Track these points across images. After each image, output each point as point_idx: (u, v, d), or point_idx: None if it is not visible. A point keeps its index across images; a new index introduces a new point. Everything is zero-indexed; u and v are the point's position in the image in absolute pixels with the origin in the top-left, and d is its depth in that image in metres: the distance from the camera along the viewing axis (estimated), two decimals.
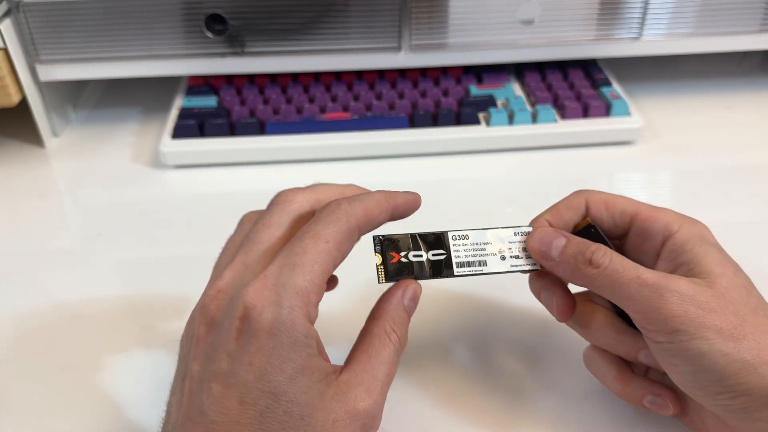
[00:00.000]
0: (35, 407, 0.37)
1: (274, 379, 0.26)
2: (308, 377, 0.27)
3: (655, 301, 0.28)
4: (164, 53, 0.57)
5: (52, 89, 0.59)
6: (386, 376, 0.29)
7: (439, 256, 0.33)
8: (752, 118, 0.61)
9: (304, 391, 0.26)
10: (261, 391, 0.26)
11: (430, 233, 0.33)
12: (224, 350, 0.27)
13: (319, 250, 0.28)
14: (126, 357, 0.40)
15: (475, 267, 0.33)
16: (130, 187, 0.55)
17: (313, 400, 0.26)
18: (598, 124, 0.57)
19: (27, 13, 0.54)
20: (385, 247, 0.32)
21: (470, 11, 0.56)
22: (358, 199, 0.30)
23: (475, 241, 0.33)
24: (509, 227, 0.34)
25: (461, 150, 0.57)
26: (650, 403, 0.33)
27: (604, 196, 0.34)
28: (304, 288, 0.27)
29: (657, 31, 0.58)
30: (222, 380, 0.26)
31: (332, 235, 0.28)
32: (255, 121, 0.57)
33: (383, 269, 0.32)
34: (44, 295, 0.45)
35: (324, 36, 0.57)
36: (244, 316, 0.26)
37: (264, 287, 0.27)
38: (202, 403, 0.26)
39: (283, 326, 0.26)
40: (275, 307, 0.26)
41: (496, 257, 0.33)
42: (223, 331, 0.27)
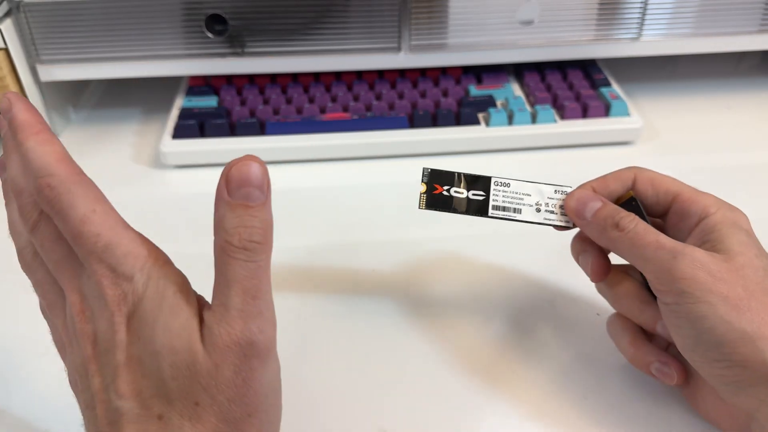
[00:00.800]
0: (36, 407, 0.37)
1: (151, 335, 0.26)
2: (177, 320, 0.26)
3: (668, 263, 0.30)
4: (164, 53, 0.57)
5: (53, 89, 0.59)
6: (243, 297, 0.26)
7: (478, 196, 0.35)
8: (751, 118, 0.62)
9: (178, 335, 0.26)
10: (148, 355, 0.26)
11: (476, 174, 0.35)
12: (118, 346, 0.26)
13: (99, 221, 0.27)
14: None
15: (510, 212, 0.35)
16: (130, 187, 0.55)
17: (189, 345, 0.26)
18: (598, 124, 0.57)
19: (27, 14, 0.54)
20: (432, 178, 0.35)
21: (470, 11, 0.56)
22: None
23: (515, 190, 0.35)
24: (551, 184, 0.36)
25: (461, 150, 0.57)
26: (656, 370, 0.34)
27: (652, 174, 0.36)
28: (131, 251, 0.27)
29: (656, 31, 0.58)
30: (124, 368, 0.26)
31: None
32: (255, 121, 0.57)
33: (425, 197, 0.35)
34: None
35: (324, 36, 0.57)
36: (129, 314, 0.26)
37: (109, 281, 0.26)
38: (113, 403, 0.26)
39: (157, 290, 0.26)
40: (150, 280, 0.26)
41: (532, 208, 0.35)
42: (105, 333, 0.26)
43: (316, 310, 0.32)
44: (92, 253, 0.26)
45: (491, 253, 0.47)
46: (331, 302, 0.31)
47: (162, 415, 0.26)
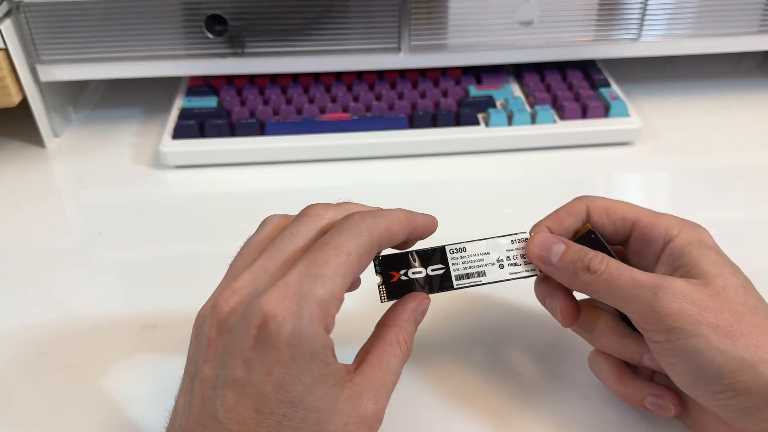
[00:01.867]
0: (36, 407, 0.37)
1: (293, 389, 0.26)
2: (324, 384, 0.27)
3: (650, 300, 0.29)
4: (164, 54, 0.57)
5: (53, 89, 0.60)
6: (392, 384, 0.30)
7: (438, 270, 0.34)
8: (750, 118, 0.62)
9: (320, 398, 0.27)
10: (279, 401, 0.26)
11: (428, 249, 0.34)
12: (240, 357, 0.26)
13: (341, 262, 0.28)
14: (126, 357, 0.40)
15: (474, 278, 0.34)
16: (130, 187, 0.55)
17: (328, 405, 0.27)
18: (597, 124, 0.57)
19: (27, 14, 0.54)
20: (385, 266, 0.33)
21: (469, 12, 0.56)
22: (381, 215, 0.30)
23: (473, 253, 0.34)
24: (506, 235, 0.34)
25: (460, 150, 0.57)
26: (651, 404, 0.33)
27: (605, 202, 0.34)
28: (325, 300, 0.27)
29: (656, 32, 0.58)
30: (237, 388, 0.26)
31: (354, 248, 0.28)
32: (255, 121, 0.57)
33: (384, 288, 0.33)
34: (45, 295, 0.45)
35: (324, 37, 0.57)
36: (262, 325, 0.26)
37: (285, 296, 0.26)
38: (215, 409, 0.26)
39: (303, 338, 0.26)
40: (296, 318, 0.26)
41: (495, 266, 0.34)
42: (238, 337, 0.27)
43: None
44: None
45: None
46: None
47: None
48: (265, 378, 0.26)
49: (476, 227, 0.50)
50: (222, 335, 0.27)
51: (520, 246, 0.34)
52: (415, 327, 0.32)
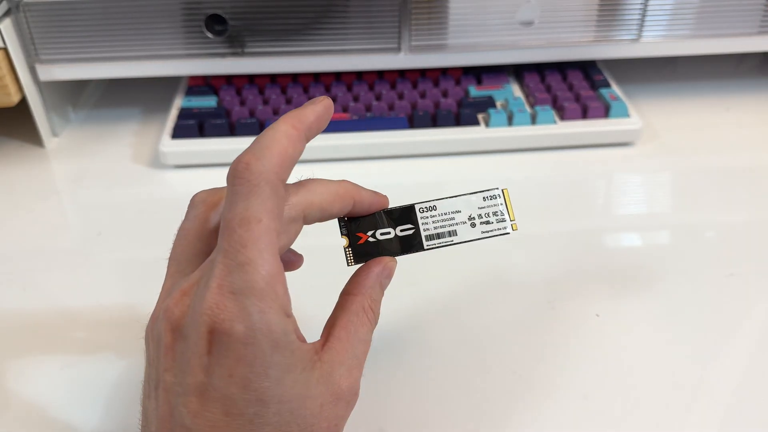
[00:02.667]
0: (35, 407, 0.37)
1: (260, 386, 0.25)
2: (293, 372, 0.26)
3: None
4: (164, 53, 0.57)
5: (52, 89, 0.59)
6: (363, 353, 0.29)
7: (407, 231, 0.32)
8: (751, 119, 0.62)
9: (291, 387, 0.26)
10: (247, 401, 0.25)
11: (397, 208, 0.32)
12: (197, 364, 0.25)
13: (257, 235, 0.25)
14: (126, 357, 0.40)
15: (445, 238, 0.32)
16: (129, 187, 0.55)
17: (300, 392, 0.26)
18: (597, 125, 0.57)
19: (27, 13, 0.54)
20: (351, 228, 0.32)
21: (470, 12, 0.56)
22: (266, 147, 0.27)
23: (444, 211, 0.32)
24: (478, 192, 0.33)
25: (460, 151, 0.57)
26: None
27: None
28: (265, 285, 0.25)
29: (656, 32, 0.58)
30: (200, 394, 0.25)
31: (260, 209, 0.25)
32: (255, 121, 0.57)
33: (351, 251, 0.32)
34: (44, 295, 0.45)
35: (324, 37, 0.57)
36: (211, 331, 0.25)
37: (222, 298, 0.24)
38: (182, 417, 0.25)
39: (259, 333, 0.24)
40: (244, 316, 0.24)
41: (466, 225, 0.32)
42: (192, 344, 0.25)
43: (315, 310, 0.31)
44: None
45: (490, 252, 0.47)
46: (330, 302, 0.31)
47: None
48: (228, 381, 0.25)
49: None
50: (177, 341, 0.26)
51: (492, 203, 0.33)
52: (381, 292, 0.31)
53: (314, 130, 0.30)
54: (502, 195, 0.33)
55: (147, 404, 0.28)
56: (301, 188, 0.29)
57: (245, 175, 0.25)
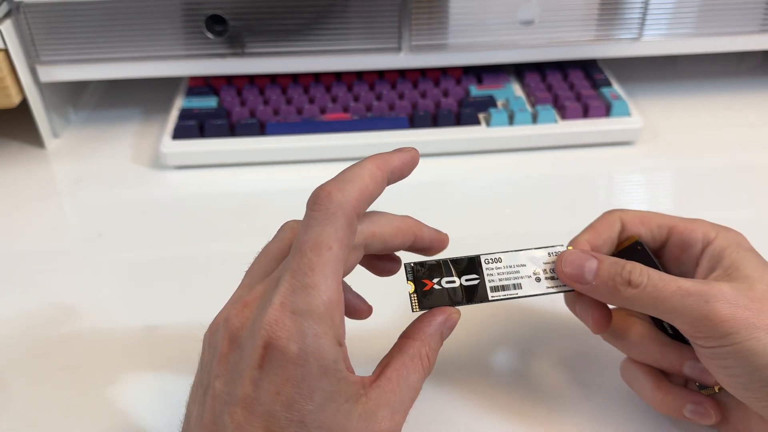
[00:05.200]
0: (36, 408, 0.37)
1: (303, 408, 0.25)
2: (336, 401, 0.26)
3: (702, 308, 0.29)
4: (164, 54, 0.57)
5: (53, 90, 0.59)
6: (411, 400, 0.29)
7: (472, 281, 0.32)
8: (752, 118, 0.61)
9: (332, 415, 0.26)
10: (289, 420, 0.25)
11: (463, 258, 0.33)
12: (248, 376, 0.26)
13: (325, 261, 0.26)
14: (126, 357, 0.40)
15: (510, 291, 0.32)
16: (130, 187, 0.55)
17: (340, 422, 0.26)
18: (598, 124, 0.57)
19: (27, 14, 0.54)
20: (418, 274, 0.32)
21: (470, 12, 0.56)
22: (349, 181, 0.28)
23: (509, 264, 0.33)
24: (543, 247, 0.33)
25: (461, 150, 0.57)
26: (691, 412, 0.32)
27: (638, 212, 0.34)
28: (324, 311, 0.26)
29: (657, 31, 0.58)
30: (247, 406, 0.26)
31: (332, 237, 0.27)
32: (255, 121, 0.57)
33: (416, 297, 0.32)
34: (45, 296, 0.45)
35: (324, 37, 0.57)
36: (267, 345, 0.25)
37: (283, 316, 0.25)
38: (225, 426, 0.26)
39: (311, 356, 0.25)
40: (300, 337, 0.25)
41: (531, 279, 0.32)
42: (246, 356, 0.26)
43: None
44: None
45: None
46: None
47: None
48: (274, 397, 0.25)
49: (477, 227, 0.50)
50: (232, 351, 0.27)
51: (556, 258, 0.33)
52: (440, 342, 0.31)
53: (397, 175, 0.32)
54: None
55: (192, 408, 0.28)
56: (366, 219, 0.30)
57: (325, 203, 0.27)
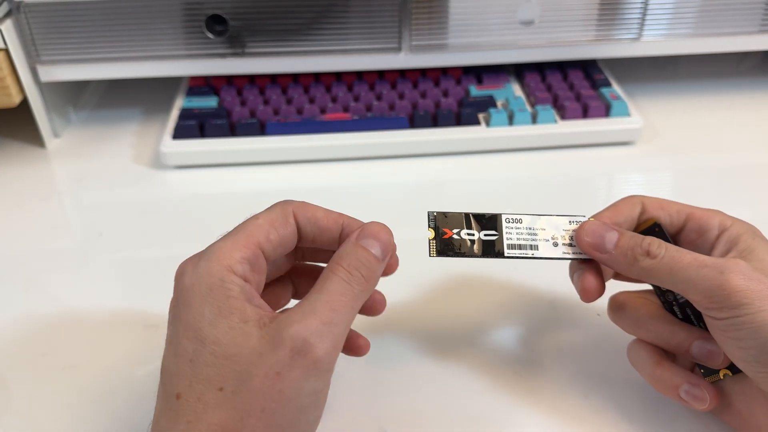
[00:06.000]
0: (36, 407, 0.37)
1: (196, 326, 0.28)
2: (228, 318, 0.28)
3: (717, 279, 0.29)
4: (165, 54, 0.57)
5: (53, 90, 0.59)
6: (326, 303, 0.28)
7: (491, 236, 0.33)
8: (751, 118, 0.62)
9: (225, 332, 0.27)
10: (187, 339, 0.28)
11: (485, 214, 0.33)
12: (169, 318, 0.30)
13: (248, 225, 0.31)
14: (127, 357, 0.40)
15: (526, 250, 0.33)
16: (130, 187, 0.55)
17: (235, 339, 0.27)
18: (598, 124, 0.57)
19: (28, 14, 0.54)
20: (439, 222, 0.33)
21: (470, 12, 0.56)
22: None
23: (529, 226, 0.33)
24: (565, 215, 0.34)
25: (461, 150, 0.57)
26: (686, 392, 0.33)
27: (658, 199, 0.35)
28: (224, 248, 0.29)
29: (656, 31, 0.58)
30: (168, 342, 0.29)
31: (264, 215, 0.31)
32: (255, 121, 0.57)
33: (435, 243, 0.32)
34: (45, 295, 0.45)
35: (324, 37, 0.57)
36: (176, 282, 0.30)
37: (193, 256, 0.30)
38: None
39: (199, 277, 0.29)
40: (194, 266, 0.29)
41: (548, 243, 0.33)
42: (172, 299, 0.30)
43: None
44: None
45: None
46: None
47: (180, 395, 0.27)
48: (177, 323, 0.29)
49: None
50: None
51: (577, 227, 0.33)
52: (363, 252, 0.30)
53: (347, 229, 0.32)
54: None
55: None
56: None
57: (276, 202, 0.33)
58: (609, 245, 0.32)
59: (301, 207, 0.32)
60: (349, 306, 0.29)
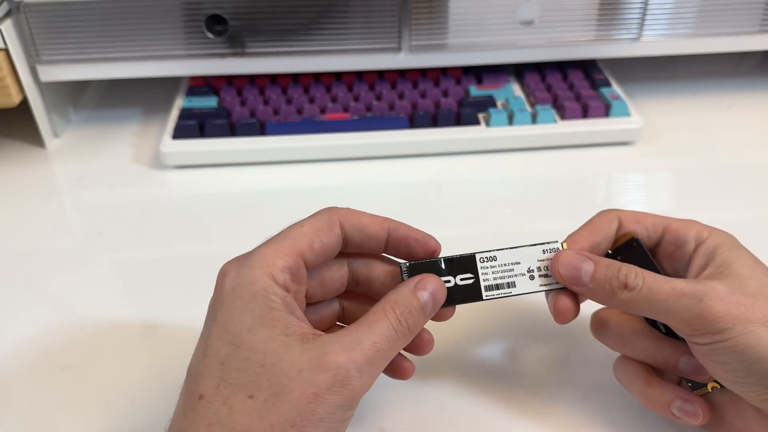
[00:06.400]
0: (36, 407, 0.37)
1: (233, 329, 0.28)
2: (269, 328, 0.28)
3: (697, 307, 0.29)
4: (165, 54, 0.57)
5: (53, 89, 0.59)
6: (373, 343, 0.28)
7: (467, 280, 0.33)
8: (751, 118, 0.62)
9: (264, 341, 0.27)
10: (221, 341, 0.28)
11: (458, 257, 0.33)
12: (207, 315, 0.30)
13: (293, 231, 0.31)
14: (127, 357, 0.40)
15: (504, 289, 0.33)
16: (130, 187, 0.55)
17: (275, 350, 0.27)
18: (598, 124, 0.57)
19: (28, 14, 0.54)
20: (414, 272, 0.32)
21: (470, 12, 0.56)
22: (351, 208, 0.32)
23: (504, 262, 0.33)
24: (537, 244, 0.33)
25: (461, 150, 0.57)
26: (678, 409, 0.33)
27: (634, 212, 0.35)
28: (268, 254, 0.29)
29: (656, 31, 0.58)
30: (200, 341, 0.29)
31: (309, 222, 0.31)
32: (255, 121, 0.57)
33: None
34: (45, 296, 0.45)
35: (324, 37, 0.57)
36: (217, 283, 0.30)
37: (236, 258, 0.30)
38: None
39: (242, 283, 0.28)
40: (237, 269, 0.29)
41: (525, 277, 0.33)
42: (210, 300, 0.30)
43: None
44: None
45: None
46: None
47: (203, 396, 0.27)
48: (211, 323, 0.29)
49: (477, 227, 0.50)
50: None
51: (551, 256, 0.33)
52: (416, 301, 0.30)
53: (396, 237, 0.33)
54: (562, 248, 0.33)
55: None
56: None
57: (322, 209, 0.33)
58: (585, 278, 0.31)
59: (348, 214, 0.32)
60: (391, 352, 0.30)
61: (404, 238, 0.33)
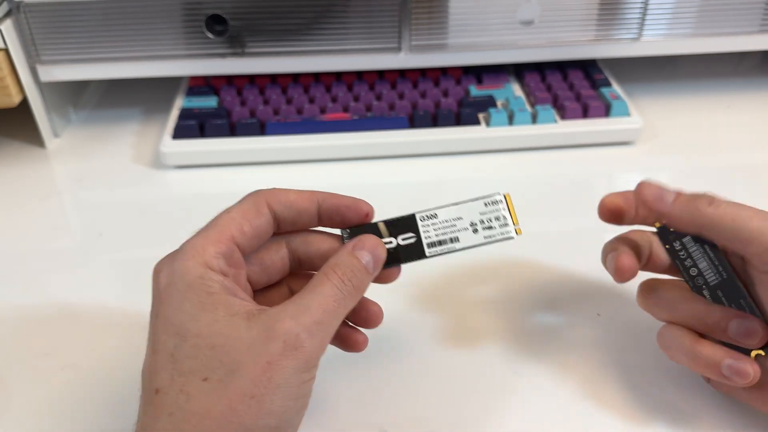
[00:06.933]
0: (36, 407, 0.37)
1: (176, 321, 0.28)
2: (212, 312, 0.28)
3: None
4: (165, 54, 0.57)
5: (53, 89, 0.59)
6: (319, 304, 0.29)
7: (409, 239, 0.33)
8: (751, 118, 0.62)
9: (209, 324, 0.28)
10: (167, 335, 0.28)
11: (398, 218, 0.33)
12: (150, 315, 0.30)
13: (220, 219, 0.31)
14: (127, 357, 0.40)
15: (447, 245, 0.33)
16: (130, 187, 0.55)
17: (221, 331, 0.27)
18: (598, 124, 0.57)
19: (28, 14, 0.54)
20: (353, 236, 0.32)
21: (470, 12, 0.56)
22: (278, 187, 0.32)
23: (445, 219, 0.33)
24: (478, 198, 0.33)
25: (461, 150, 0.57)
26: (728, 368, 0.32)
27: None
28: (198, 244, 0.30)
29: (656, 31, 0.58)
30: (148, 341, 0.29)
31: (235, 207, 0.31)
32: (255, 121, 0.57)
33: None
34: (45, 295, 0.45)
35: (324, 36, 0.57)
36: (153, 282, 0.30)
37: (167, 255, 0.30)
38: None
39: (177, 276, 0.29)
40: (170, 265, 0.29)
41: (468, 231, 0.33)
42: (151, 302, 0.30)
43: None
44: None
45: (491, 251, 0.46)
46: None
47: (159, 389, 0.27)
48: (155, 321, 0.29)
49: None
50: None
51: (494, 209, 0.33)
52: (356, 261, 0.31)
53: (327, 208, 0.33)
54: (504, 200, 0.33)
55: None
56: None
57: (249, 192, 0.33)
58: (669, 198, 0.32)
59: (274, 193, 0.32)
60: (339, 311, 0.30)
61: (335, 207, 0.33)
